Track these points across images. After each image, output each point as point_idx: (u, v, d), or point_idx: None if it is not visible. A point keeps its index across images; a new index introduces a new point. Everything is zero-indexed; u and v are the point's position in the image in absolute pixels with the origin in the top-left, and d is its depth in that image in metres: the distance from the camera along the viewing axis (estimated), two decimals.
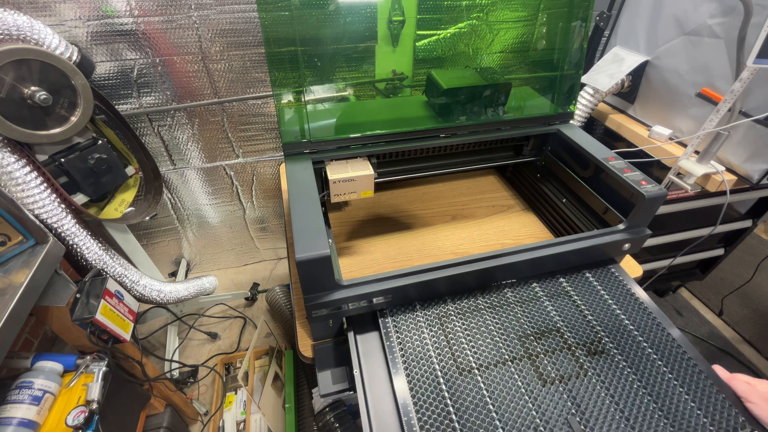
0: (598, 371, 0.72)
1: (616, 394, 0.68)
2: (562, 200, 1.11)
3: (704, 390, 0.68)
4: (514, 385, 0.69)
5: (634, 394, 0.68)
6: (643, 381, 0.70)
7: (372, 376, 0.73)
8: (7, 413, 0.87)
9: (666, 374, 0.71)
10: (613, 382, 0.70)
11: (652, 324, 0.80)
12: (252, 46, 1.46)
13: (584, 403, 0.67)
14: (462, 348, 0.76)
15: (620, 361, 0.74)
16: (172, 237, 1.99)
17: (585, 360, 0.74)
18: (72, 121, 1.09)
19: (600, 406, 0.67)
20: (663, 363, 0.73)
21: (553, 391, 0.69)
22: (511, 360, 0.74)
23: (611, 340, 0.77)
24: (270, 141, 1.76)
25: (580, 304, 0.85)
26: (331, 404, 1.27)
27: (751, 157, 1.17)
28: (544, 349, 0.75)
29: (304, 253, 0.67)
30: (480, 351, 0.75)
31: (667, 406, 0.66)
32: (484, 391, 0.69)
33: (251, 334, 1.92)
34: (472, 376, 0.71)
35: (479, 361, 0.73)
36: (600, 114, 1.56)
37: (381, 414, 0.67)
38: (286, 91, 0.92)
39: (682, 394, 0.68)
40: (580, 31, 1.04)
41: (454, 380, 0.70)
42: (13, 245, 0.89)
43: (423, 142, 1.00)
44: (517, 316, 0.82)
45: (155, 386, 1.32)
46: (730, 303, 1.99)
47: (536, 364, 0.73)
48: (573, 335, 0.78)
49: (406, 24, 1.02)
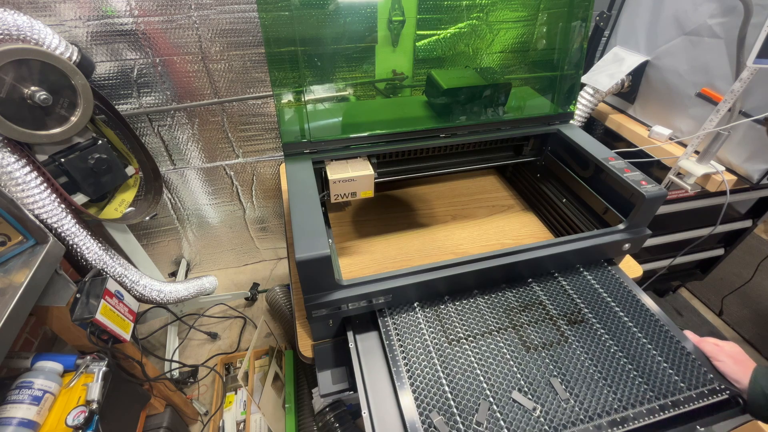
0: (578, 338, 0.78)
1: (595, 358, 0.74)
2: (562, 200, 1.11)
3: (676, 352, 0.75)
4: (500, 353, 0.75)
5: (611, 357, 0.74)
6: (620, 346, 0.76)
7: (373, 376, 0.73)
8: (7, 413, 0.87)
9: (641, 339, 0.77)
10: (592, 347, 0.76)
11: (627, 295, 0.87)
12: (252, 46, 1.46)
13: (565, 366, 0.73)
14: (451, 321, 0.82)
15: (599, 329, 0.80)
16: (172, 237, 1.99)
17: (566, 329, 0.80)
18: (72, 121, 1.09)
19: (580, 368, 0.72)
20: (638, 329, 0.79)
21: (536, 356, 0.75)
22: (497, 330, 0.80)
23: (590, 310, 0.84)
24: (270, 141, 1.76)
25: (561, 280, 0.91)
26: (331, 404, 1.27)
27: (751, 157, 1.17)
28: (528, 320, 0.82)
29: (304, 253, 0.67)
30: (468, 323, 0.82)
31: (642, 367, 0.73)
32: (474, 364, 0.74)
33: (251, 334, 1.92)
34: (461, 346, 0.77)
35: (467, 331, 0.80)
36: (600, 114, 1.56)
37: (383, 414, 0.68)
38: (286, 91, 0.92)
39: (655, 357, 0.74)
40: (580, 31, 1.03)
41: (445, 352, 0.76)
42: (13, 245, 0.89)
43: (423, 142, 1.00)
44: (506, 295, 0.88)
45: (155, 386, 1.32)
46: (730, 303, 1.99)
47: (520, 333, 0.79)
48: (555, 307, 0.85)
49: (406, 24, 1.02)
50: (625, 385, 0.70)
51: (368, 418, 0.67)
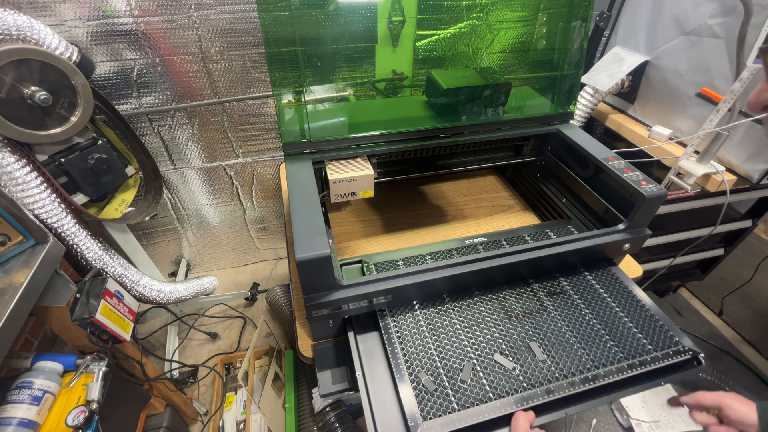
0: (556, 307, 0.85)
1: (571, 324, 0.81)
2: (562, 200, 1.11)
3: (645, 319, 0.83)
4: (483, 320, 0.82)
5: (586, 324, 0.82)
6: (595, 313, 0.84)
7: (374, 376, 0.73)
8: (7, 413, 0.87)
9: (614, 308, 0.85)
10: (569, 315, 0.83)
11: (600, 267, 0.94)
12: (252, 46, 1.46)
13: (543, 331, 0.80)
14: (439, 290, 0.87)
15: (576, 299, 0.87)
16: (172, 237, 1.99)
17: (545, 299, 0.87)
18: (72, 121, 1.09)
19: (557, 333, 0.79)
20: (612, 299, 0.87)
21: (517, 323, 0.81)
22: (482, 301, 0.86)
23: (568, 283, 0.91)
24: (270, 141, 1.76)
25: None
26: (331, 404, 1.27)
27: (751, 157, 1.17)
28: (511, 293, 0.88)
29: (304, 253, 0.67)
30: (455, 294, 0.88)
31: (614, 332, 0.80)
32: (459, 330, 0.80)
33: (251, 334, 1.92)
34: (447, 312, 0.83)
35: (452, 297, 0.87)
36: (600, 114, 1.56)
37: (385, 414, 0.68)
38: (286, 91, 0.92)
39: (627, 323, 0.82)
40: (580, 31, 1.03)
41: (433, 320, 0.82)
42: (13, 245, 0.89)
43: (423, 142, 1.00)
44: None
45: (155, 386, 1.32)
46: (730, 303, 1.99)
47: (503, 304, 0.86)
48: (535, 279, 0.91)
49: (406, 24, 1.01)
50: (598, 347, 0.77)
51: (371, 419, 0.67)
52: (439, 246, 0.95)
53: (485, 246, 0.96)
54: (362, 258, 0.92)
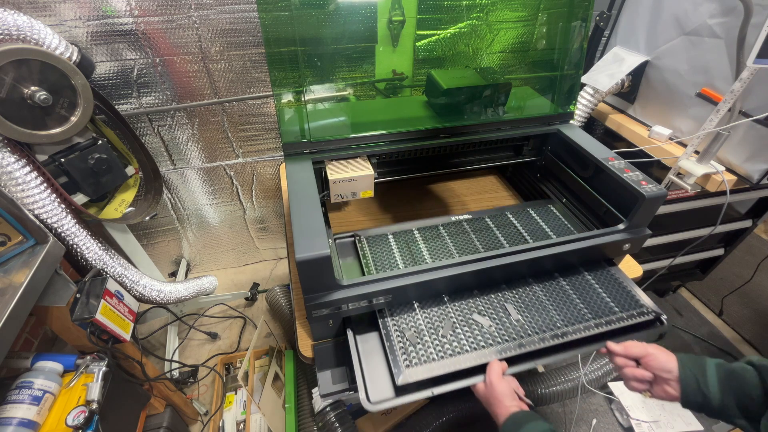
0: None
1: (545, 289, 0.90)
2: (562, 200, 1.11)
3: (612, 283, 0.92)
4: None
5: (560, 289, 0.90)
6: (567, 279, 0.92)
7: (373, 375, 0.74)
8: (7, 413, 0.87)
9: (585, 275, 0.94)
10: (544, 281, 0.91)
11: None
12: (252, 46, 1.46)
13: (520, 294, 0.88)
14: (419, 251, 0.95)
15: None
16: (172, 237, 1.99)
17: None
18: (72, 121, 1.09)
19: (532, 297, 0.88)
20: (583, 268, 0.95)
21: (496, 289, 0.89)
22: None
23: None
24: (270, 141, 1.76)
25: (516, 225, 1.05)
26: (331, 404, 1.27)
27: (751, 157, 1.17)
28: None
29: (304, 253, 0.67)
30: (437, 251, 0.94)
31: (583, 295, 0.89)
32: (443, 294, 0.87)
33: (251, 334, 1.92)
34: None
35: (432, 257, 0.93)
36: (600, 114, 1.56)
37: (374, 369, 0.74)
38: (286, 91, 0.92)
39: (596, 287, 0.91)
40: (580, 31, 1.04)
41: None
42: (13, 245, 0.89)
43: (423, 142, 1.00)
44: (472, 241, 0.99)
45: (155, 386, 1.32)
46: (730, 303, 1.99)
47: None
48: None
49: (406, 24, 1.02)
50: (568, 308, 0.85)
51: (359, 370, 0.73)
52: (426, 222, 1.04)
53: (469, 223, 1.04)
54: (355, 233, 0.99)
